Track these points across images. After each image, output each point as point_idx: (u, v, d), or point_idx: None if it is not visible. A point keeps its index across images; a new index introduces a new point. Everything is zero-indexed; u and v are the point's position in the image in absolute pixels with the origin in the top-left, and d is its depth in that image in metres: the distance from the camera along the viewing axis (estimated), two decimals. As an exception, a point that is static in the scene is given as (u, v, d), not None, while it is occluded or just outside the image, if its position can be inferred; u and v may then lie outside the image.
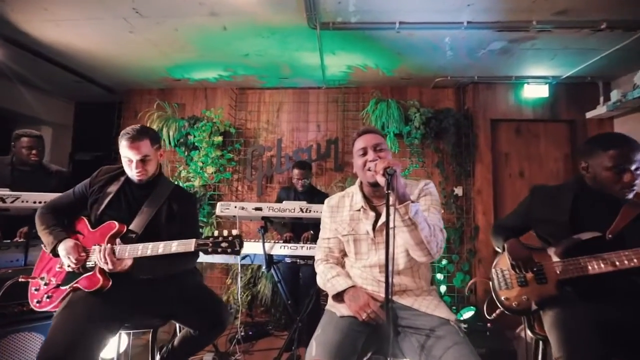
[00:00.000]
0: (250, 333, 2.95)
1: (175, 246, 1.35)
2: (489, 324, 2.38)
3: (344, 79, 3.53)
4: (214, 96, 3.85)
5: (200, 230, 3.02)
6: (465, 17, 2.34)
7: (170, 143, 3.56)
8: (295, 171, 2.88)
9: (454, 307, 3.20)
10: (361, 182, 1.39)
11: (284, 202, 2.26)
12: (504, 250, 1.52)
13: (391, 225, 1.02)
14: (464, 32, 2.47)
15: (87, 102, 4.43)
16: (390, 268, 1.00)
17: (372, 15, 2.37)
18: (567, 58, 2.92)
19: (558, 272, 1.38)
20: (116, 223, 1.40)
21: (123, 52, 3.02)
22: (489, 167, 3.42)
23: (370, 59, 3.06)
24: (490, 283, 1.58)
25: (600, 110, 3.23)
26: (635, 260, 1.21)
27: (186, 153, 3.60)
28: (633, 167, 1.26)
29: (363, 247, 1.31)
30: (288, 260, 2.24)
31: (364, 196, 1.35)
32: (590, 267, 1.29)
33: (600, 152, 1.32)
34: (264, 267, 2.20)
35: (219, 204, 2.19)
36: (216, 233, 1.34)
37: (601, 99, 3.32)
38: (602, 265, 1.26)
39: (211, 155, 3.49)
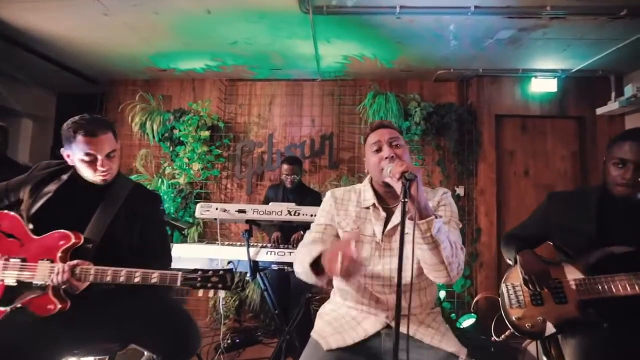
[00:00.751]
0: (238, 340, 2.77)
1: (155, 278, 1.15)
2: (493, 338, 2.20)
3: (340, 70, 3.31)
4: (202, 88, 3.63)
5: (185, 232, 2.82)
6: (472, 1, 2.12)
7: (154, 137, 3.34)
8: (284, 166, 2.66)
9: (453, 314, 3.02)
10: (372, 179, 1.21)
11: (270, 204, 2.06)
12: (515, 262, 1.33)
13: (407, 239, 0.83)
14: (470, 18, 2.26)
15: (69, 93, 4.19)
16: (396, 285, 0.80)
17: (369, -2, 2.15)
18: (580, 49, 2.71)
19: (581, 291, 1.19)
20: (70, 234, 1.19)
21: (100, 38, 2.78)
22: (493, 166, 3.23)
23: (368, 49, 2.84)
24: (500, 299, 1.40)
25: (612, 106, 3.04)
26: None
27: (171, 148, 3.38)
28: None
29: (365, 251, 1.11)
30: (275, 267, 2.04)
31: (376, 193, 1.16)
32: (621, 288, 1.10)
33: (614, 143, 1.18)
34: (248, 275, 2.00)
35: (198, 205, 1.98)
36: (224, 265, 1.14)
37: (613, 94, 3.12)
38: (637, 287, 1.07)
39: (197, 151, 3.28)
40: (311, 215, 1.96)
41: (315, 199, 2.77)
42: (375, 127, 1.16)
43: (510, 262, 1.39)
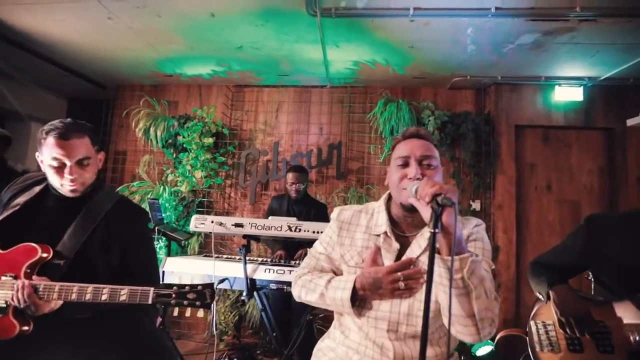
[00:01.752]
0: (235, 359, 2.60)
1: (124, 295, 1.02)
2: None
3: (350, 76, 3.18)
4: (208, 94, 3.55)
5: (182, 243, 2.68)
6: (493, 2, 1.96)
7: (158, 143, 3.26)
8: (290, 175, 2.51)
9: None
10: (389, 198, 1.03)
11: (270, 217, 1.92)
12: (548, 299, 1.14)
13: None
14: (490, 20, 2.10)
15: (79, 98, 4.20)
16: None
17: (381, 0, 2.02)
18: (610, 55, 2.50)
19: (630, 338, 0.98)
20: (37, 247, 1.07)
21: (106, 43, 2.74)
22: (512, 179, 3.01)
23: (379, 54, 2.71)
24: (528, 339, 1.20)
25: (645, 117, 2.80)
26: None
27: (174, 155, 3.30)
28: None
29: None
30: (274, 286, 1.88)
31: (390, 218, 0.99)
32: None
33: None
34: (244, 294, 1.85)
35: (193, 217, 1.86)
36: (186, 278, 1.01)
37: (645, 104, 2.88)
38: None
39: (201, 158, 3.18)
40: (313, 232, 1.81)
41: (321, 211, 2.61)
42: (408, 136, 0.97)
43: (540, 298, 1.19)
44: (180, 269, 1.93)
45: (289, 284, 1.86)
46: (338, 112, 3.40)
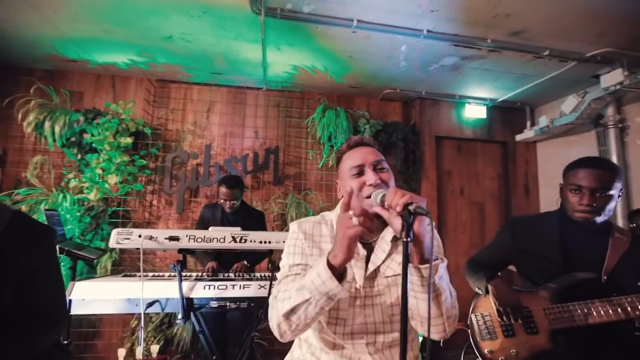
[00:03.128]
0: (161, 391, 2.28)
1: None
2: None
3: (287, 80, 3.13)
4: (124, 87, 3.08)
5: (93, 263, 2.21)
6: (426, 25, 2.16)
7: (55, 141, 2.69)
8: (223, 190, 2.26)
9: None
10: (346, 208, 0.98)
11: (210, 228, 1.73)
12: (487, 292, 1.27)
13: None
14: (421, 41, 2.31)
15: None
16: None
17: (327, 7, 2.03)
18: (507, 82, 3.00)
19: (551, 320, 1.16)
20: None
21: (-19, 11, 2.14)
22: (434, 185, 3.36)
23: (319, 61, 2.73)
24: (469, 330, 1.32)
25: (528, 134, 3.44)
26: (640, 309, 1.04)
27: (79, 156, 2.75)
28: (592, 187, 1.13)
29: (342, 303, 0.89)
30: (214, 303, 1.70)
31: None
32: (590, 316, 1.10)
33: (569, 170, 1.22)
34: (179, 317, 1.62)
35: (114, 232, 1.56)
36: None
37: (528, 123, 3.55)
38: (603, 313, 1.08)
39: (116, 160, 2.72)
40: (260, 242, 1.70)
41: (258, 220, 2.48)
42: (354, 145, 0.97)
43: (479, 292, 1.33)
44: (93, 296, 1.60)
45: (232, 300, 1.71)
46: (274, 116, 3.31)
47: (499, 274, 1.36)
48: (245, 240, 1.67)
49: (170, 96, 3.15)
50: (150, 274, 1.93)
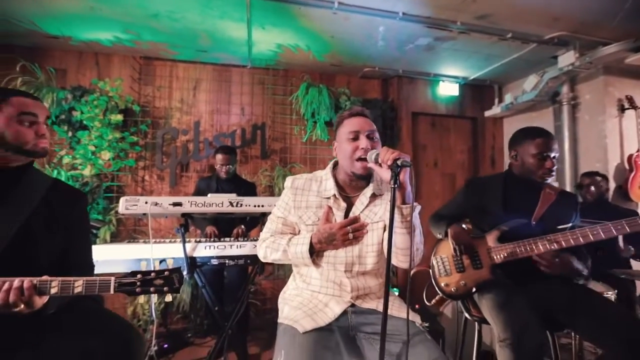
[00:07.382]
0: (166, 346, 2.54)
1: (79, 286, 0.95)
2: (417, 305, 2.52)
3: (271, 59, 3.25)
4: (108, 64, 3.11)
5: (97, 231, 2.39)
6: (401, 8, 2.34)
7: (45, 119, 2.73)
8: (219, 156, 2.55)
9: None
10: (334, 167, 1.24)
11: (209, 195, 1.93)
12: (446, 235, 1.56)
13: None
14: (397, 23, 2.48)
15: None
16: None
17: (310, -11, 2.17)
18: (477, 62, 3.25)
19: (491, 257, 1.47)
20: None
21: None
22: (410, 158, 3.64)
23: (303, 40, 2.86)
24: (430, 271, 1.62)
25: (495, 110, 3.74)
26: (555, 245, 1.35)
27: (70, 134, 2.82)
28: (552, 155, 1.43)
29: None
30: (215, 261, 1.93)
31: (337, 184, 1.19)
32: (519, 251, 1.41)
33: (528, 140, 1.49)
34: (185, 273, 1.85)
35: (122, 199, 1.73)
36: (156, 265, 1.00)
37: (496, 100, 3.85)
38: (529, 249, 1.39)
39: (107, 137, 2.82)
40: (254, 206, 1.92)
41: (250, 190, 2.70)
42: (355, 114, 1.18)
43: (440, 237, 1.63)
44: (108, 257, 1.79)
45: (230, 257, 1.94)
46: (260, 94, 3.44)
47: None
48: (241, 205, 1.88)
49: (155, 74, 3.21)
50: (153, 240, 2.12)
